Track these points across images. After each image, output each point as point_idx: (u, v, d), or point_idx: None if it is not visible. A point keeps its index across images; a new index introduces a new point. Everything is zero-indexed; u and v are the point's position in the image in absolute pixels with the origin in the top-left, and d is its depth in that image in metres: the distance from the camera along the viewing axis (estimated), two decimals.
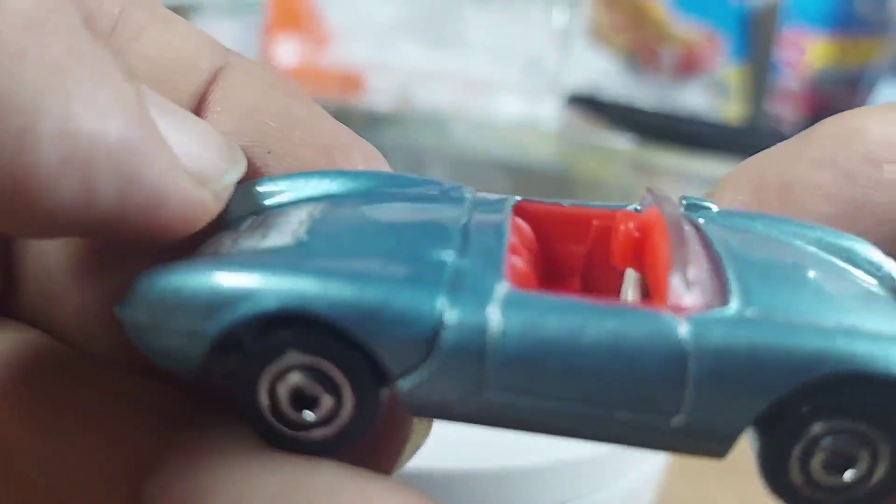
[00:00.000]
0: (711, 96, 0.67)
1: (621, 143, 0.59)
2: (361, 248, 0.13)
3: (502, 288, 0.12)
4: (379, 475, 0.12)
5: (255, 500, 0.12)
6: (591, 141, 0.61)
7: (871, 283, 0.15)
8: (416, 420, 0.15)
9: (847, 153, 0.16)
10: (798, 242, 0.15)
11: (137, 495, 0.13)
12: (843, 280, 0.14)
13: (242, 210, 0.15)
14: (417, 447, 0.16)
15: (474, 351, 0.12)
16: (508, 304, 0.12)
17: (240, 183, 0.15)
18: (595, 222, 0.15)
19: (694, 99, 0.67)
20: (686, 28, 0.67)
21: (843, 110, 0.17)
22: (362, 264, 0.13)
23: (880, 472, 0.12)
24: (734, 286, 0.13)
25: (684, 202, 0.16)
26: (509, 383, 0.12)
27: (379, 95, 0.66)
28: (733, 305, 0.12)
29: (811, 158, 0.16)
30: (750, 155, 0.17)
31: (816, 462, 0.12)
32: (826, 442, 0.12)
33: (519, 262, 0.14)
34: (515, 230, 0.15)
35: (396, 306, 0.12)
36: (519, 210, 0.15)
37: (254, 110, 0.16)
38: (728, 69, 0.67)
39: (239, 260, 0.13)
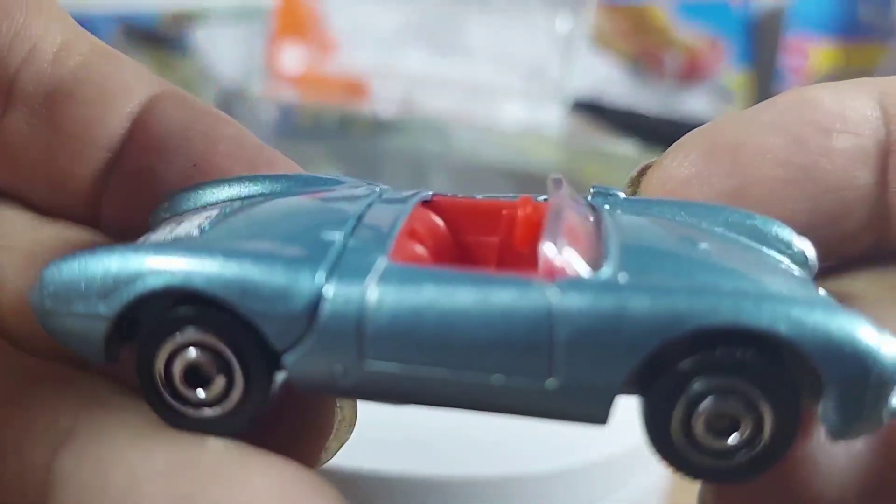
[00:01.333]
0: (715, 102, 0.67)
1: (625, 149, 0.59)
2: (256, 234, 0.14)
3: (382, 262, 0.13)
4: (266, 452, 0.13)
5: (146, 475, 0.12)
6: (594, 147, 0.61)
7: (778, 258, 0.15)
8: (339, 414, 0.15)
9: (800, 121, 0.16)
10: (704, 224, 0.15)
11: (50, 469, 0.13)
12: (735, 253, 0.15)
13: (168, 215, 0.16)
14: (343, 441, 0.16)
15: (352, 321, 0.12)
16: (386, 276, 0.13)
17: (169, 194, 0.16)
18: (504, 212, 0.16)
19: (698, 105, 0.67)
20: (690, 34, 0.67)
21: None
22: (252, 246, 0.13)
23: (765, 435, 0.12)
24: (612, 257, 0.13)
25: (593, 190, 0.17)
26: (388, 352, 0.12)
27: (383, 102, 0.66)
28: (604, 271, 0.13)
29: (764, 123, 0.16)
30: None
31: (699, 423, 0.12)
32: (708, 403, 0.12)
33: (419, 249, 0.14)
34: (419, 220, 0.15)
35: (276, 281, 0.12)
36: (433, 205, 0.16)
37: (182, 129, 0.17)
38: (732, 75, 0.66)
39: (134, 247, 0.14)
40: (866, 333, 0.12)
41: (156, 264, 0.13)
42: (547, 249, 0.13)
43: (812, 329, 0.12)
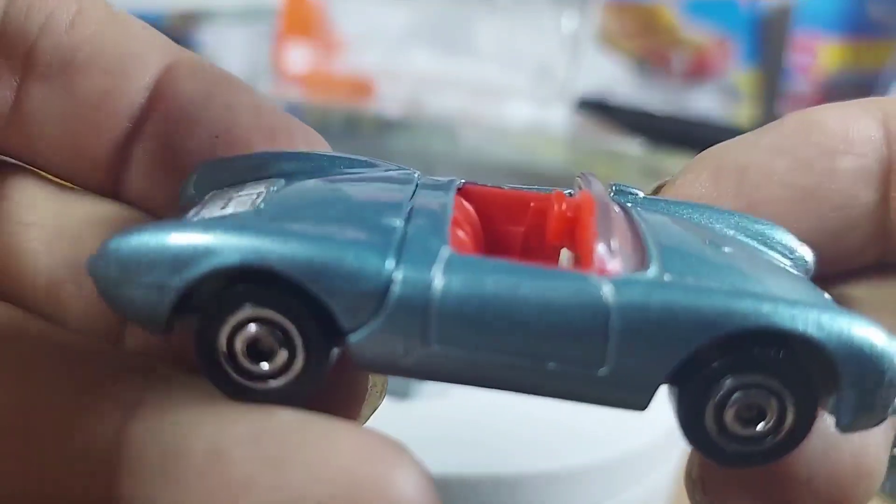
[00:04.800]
0: (723, 101, 0.66)
1: (632, 148, 0.59)
2: (316, 215, 0.15)
3: (445, 251, 0.14)
4: (339, 419, 0.13)
5: (231, 440, 0.13)
6: (601, 146, 0.60)
7: (783, 262, 0.16)
8: (371, 381, 0.16)
9: (804, 144, 0.17)
10: (718, 226, 0.17)
11: (120, 438, 0.13)
12: (754, 257, 0.16)
13: (203, 189, 0.16)
14: (375, 408, 0.16)
15: (419, 306, 0.13)
16: (451, 265, 0.13)
17: (199, 165, 0.16)
18: (532, 204, 0.17)
19: (705, 103, 0.66)
20: (697, 33, 0.66)
21: None
22: (317, 228, 0.14)
23: (789, 422, 0.14)
24: (653, 256, 0.14)
25: (613, 188, 0.17)
26: (450, 336, 0.13)
27: (389, 102, 0.66)
28: (652, 271, 0.14)
29: (769, 146, 0.17)
30: None
31: (730, 414, 0.14)
32: (738, 396, 0.14)
33: (461, 234, 0.15)
34: (458, 208, 0.16)
35: (349, 264, 0.13)
36: (464, 192, 0.17)
37: (202, 98, 0.17)
38: (739, 73, 0.66)
39: (203, 222, 0.14)
40: (882, 339, 0.14)
41: (231, 241, 0.13)
42: (601, 249, 0.14)
43: (838, 333, 0.13)
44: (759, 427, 0.14)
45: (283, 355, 0.14)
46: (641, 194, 0.17)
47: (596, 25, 0.67)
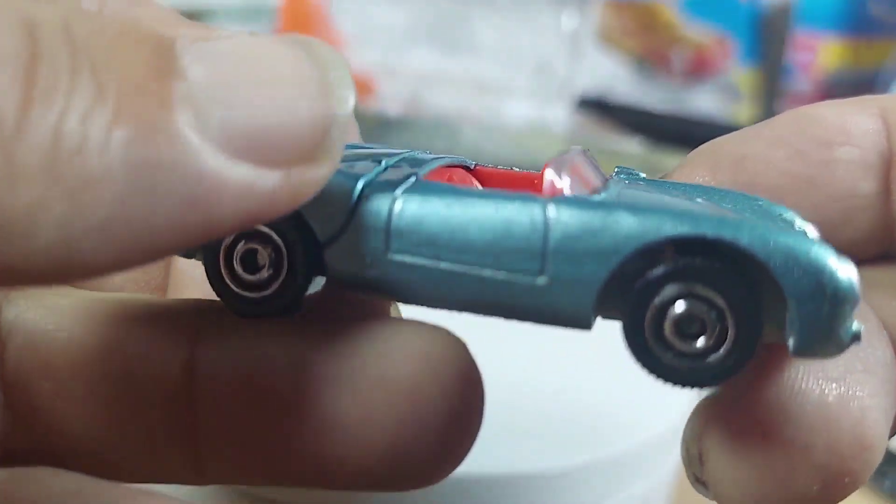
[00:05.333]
0: (723, 99, 0.66)
1: (632, 146, 0.59)
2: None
3: (413, 179, 0.15)
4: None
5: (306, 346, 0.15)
6: (601, 145, 0.60)
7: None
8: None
9: (801, 135, 0.17)
10: (716, 199, 0.17)
11: (191, 366, 0.15)
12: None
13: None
14: None
15: (381, 220, 0.15)
16: (413, 188, 0.15)
17: None
18: (535, 182, 0.17)
19: (705, 102, 0.66)
20: (697, 31, 0.66)
21: None
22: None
23: (730, 338, 0.14)
24: (609, 192, 0.15)
25: (616, 169, 0.18)
26: (407, 247, 0.15)
27: (389, 100, 0.66)
28: (598, 196, 0.15)
29: (767, 138, 0.17)
30: None
31: (669, 325, 0.14)
32: (678, 306, 0.14)
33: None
34: (458, 175, 0.17)
35: (329, 185, 0.14)
36: (475, 173, 0.18)
37: None
38: (739, 72, 0.66)
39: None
40: (825, 255, 0.13)
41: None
42: (549, 174, 0.15)
43: (773, 243, 0.13)
44: (700, 343, 0.14)
45: (270, 268, 0.15)
46: (643, 175, 0.18)
47: (596, 24, 0.67)
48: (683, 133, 0.58)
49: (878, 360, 0.15)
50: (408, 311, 0.17)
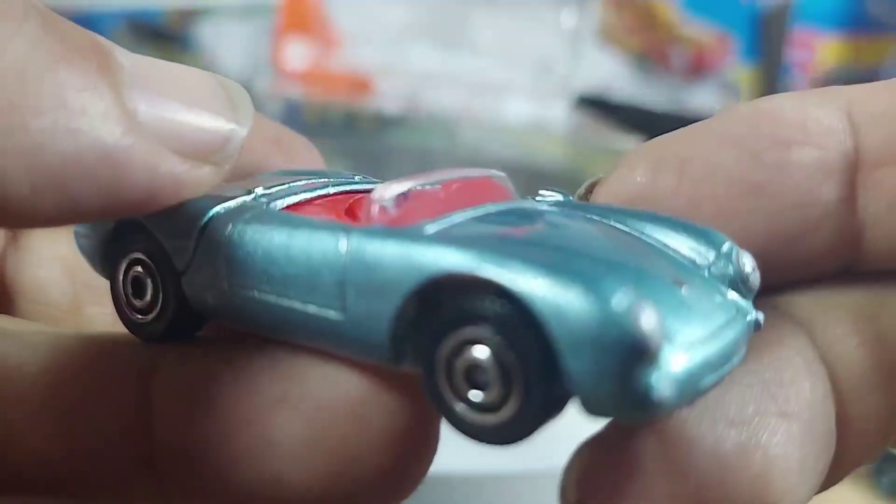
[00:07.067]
0: (722, 97, 0.66)
1: (631, 144, 0.59)
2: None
3: (267, 208, 0.15)
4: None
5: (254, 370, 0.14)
6: (600, 143, 0.61)
7: (682, 261, 0.14)
8: None
9: (755, 133, 0.15)
10: (636, 228, 0.15)
11: (147, 395, 0.15)
12: (616, 246, 0.14)
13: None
14: None
15: (215, 248, 0.15)
16: (255, 217, 0.15)
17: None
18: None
19: (704, 100, 0.66)
20: (696, 29, 0.66)
21: None
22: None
23: (517, 390, 0.12)
24: (443, 222, 0.14)
25: (538, 197, 0.16)
26: (234, 277, 0.15)
27: (388, 98, 0.66)
28: (420, 227, 0.14)
29: (716, 137, 0.15)
30: None
31: (459, 373, 0.13)
32: (470, 354, 0.12)
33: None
34: (347, 199, 0.16)
35: (181, 212, 0.15)
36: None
37: None
38: (739, 70, 0.66)
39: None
40: (607, 294, 0.11)
41: None
42: (368, 201, 0.14)
43: (534, 281, 0.12)
44: (483, 395, 0.12)
45: (150, 292, 0.16)
46: (572, 199, 0.16)
47: (595, 21, 0.67)
48: None
49: (804, 400, 0.13)
50: None
